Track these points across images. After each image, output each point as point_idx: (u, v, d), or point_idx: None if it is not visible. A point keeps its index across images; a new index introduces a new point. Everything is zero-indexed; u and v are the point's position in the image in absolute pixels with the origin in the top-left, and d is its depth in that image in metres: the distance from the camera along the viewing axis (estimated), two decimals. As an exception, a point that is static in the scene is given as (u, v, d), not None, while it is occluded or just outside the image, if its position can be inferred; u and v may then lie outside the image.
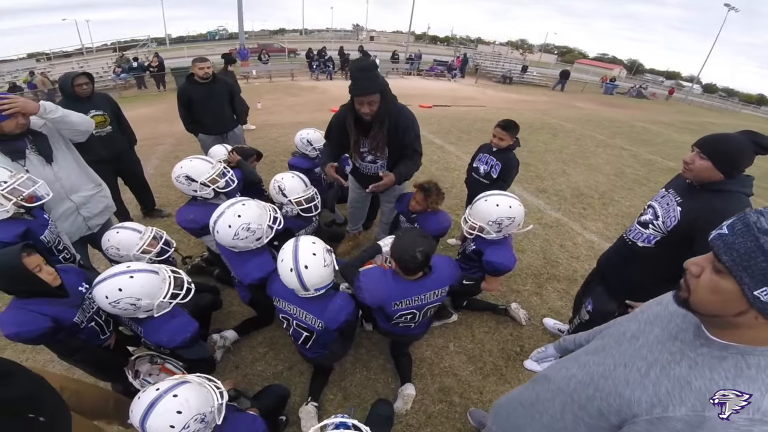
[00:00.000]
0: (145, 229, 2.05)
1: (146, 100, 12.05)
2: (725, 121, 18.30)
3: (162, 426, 1.13)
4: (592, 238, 4.04)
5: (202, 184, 2.25)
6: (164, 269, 1.69)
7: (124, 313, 1.57)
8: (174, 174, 2.26)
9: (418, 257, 1.61)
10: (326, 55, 17.06)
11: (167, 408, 1.15)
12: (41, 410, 0.95)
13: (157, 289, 1.59)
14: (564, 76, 20.58)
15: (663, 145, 9.31)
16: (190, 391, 1.22)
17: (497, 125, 2.76)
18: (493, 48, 32.32)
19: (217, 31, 68.35)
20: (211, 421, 1.23)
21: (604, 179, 5.97)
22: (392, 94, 2.24)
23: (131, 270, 1.54)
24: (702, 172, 1.48)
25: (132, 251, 1.94)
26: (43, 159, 2.07)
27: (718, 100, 36.39)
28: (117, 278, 1.50)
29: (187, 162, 2.28)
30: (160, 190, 4.41)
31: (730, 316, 0.67)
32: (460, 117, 9.53)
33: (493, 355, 2.47)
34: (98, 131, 3.09)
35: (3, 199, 1.65)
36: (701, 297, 0.70)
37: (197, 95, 3.79)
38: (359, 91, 2.08)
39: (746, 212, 0.66)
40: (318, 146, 3.20)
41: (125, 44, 21.68)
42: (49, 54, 19.67)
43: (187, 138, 5.47)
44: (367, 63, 2.14)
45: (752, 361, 0.66)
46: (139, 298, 1.52)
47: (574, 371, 0.96)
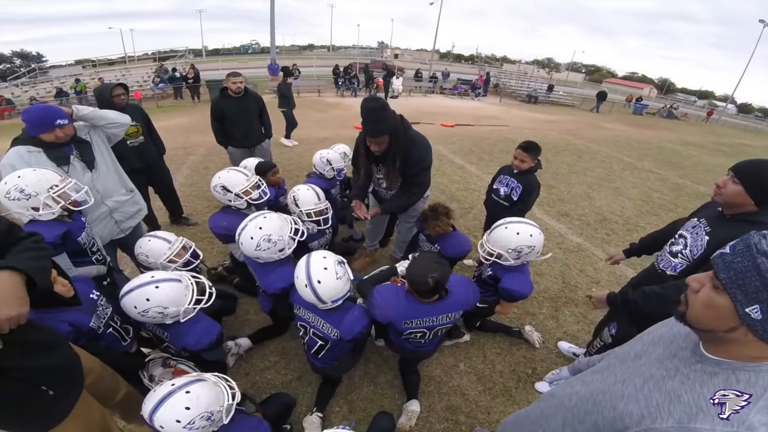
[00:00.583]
0: (175, 239, 2.15)
1: (182, 110, 12.67)
2: (762, 143, 17.49)
3: (168, 419, 1.20)
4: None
5: (236, 195, 2.39)
6: (186, 276, 1.77)
7: (153, 320, 1.66)
8: (212, 183, 2.43)
9: (429, 283, 1.63)
10: (351, 72, 17.52)
11: (177, 402, 1.22)
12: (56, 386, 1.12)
13: (181, 296, 1.67)
14: (601, 97, 20.41)
15: (693, 168, 8.99)
16: (203, 389, 1.29)
17: (518, 147, 2.74)
18: (518, 67, 32.26)
19: (250, 45, 71.46)
20: (217, 420, 1.29)
21: (630, 204, 5.83)
22: (406, 125, 2.30)
23: (156, 280, 1.62)
24: (733, 198, 1.43)
25: (159, 259, 2.05)
26: (86, 165, 2.23)
27: (753, 120, 34.77)
28: (143, 289, 1.59)
29: (225, 173, 2.43)
30: (189, 200, 4.60)
31: (722, 331, 0.70)
32: (482, 137, 9.54)
33: (503, 376, 2.44)
34: (132, 141, 3.26)
35: (53, 202, 1.77)
36: (697, 311, 0.74)
37: (229, 109, 3.98)
38: (368, 133, 2.22)
39: (750, 234, 0.69)
40: (336, 166, 3.28)
41: (164, 54, 22.84)
42: (94, 61, 20.88)
43: (217, 149, 5.72)
44: (376, 104, 2.17)
45: (742, 377, 0.68)
46: (166, 307, 1.61)
47: (577, 388, 0.99)
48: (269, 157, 4.46)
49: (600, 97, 20.42)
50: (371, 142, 2.26)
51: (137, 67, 20.38)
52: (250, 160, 3.32)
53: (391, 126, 2.20)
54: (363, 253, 3.39)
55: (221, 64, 24.22)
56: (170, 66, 18.25)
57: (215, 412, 1.28)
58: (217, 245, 3.60)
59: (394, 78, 15.34)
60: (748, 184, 1.39)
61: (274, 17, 16.46)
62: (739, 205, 1.44)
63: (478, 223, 4.48)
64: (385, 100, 2.65)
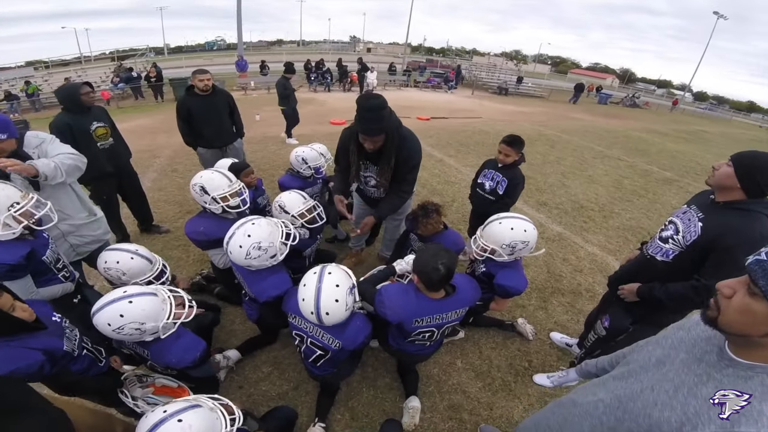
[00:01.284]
0: (156, 260, 2.01)
1: (144, 111, 12.05)
2: (719, 129, 18.58)
3: None
4: (595, 251, 4.04)
5: (212, 198, 2.20)
6: (162, 290, 1.64)
7: (130, 338, 1.53)
8: (192, 180, 2.22)
9: (441, 269, 1.58)
10: (324, 67, 17.20)
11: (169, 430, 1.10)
12: None
13: (159, 310, 1.54)
14: (579, 89, 21.14)
15: (658, 155, 9.40)
16: (197, 417, 1.17)
17: (502, 141, 2.73)
18: (488, 59, 32.79)
19: (216, 42, 69.04)
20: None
21: (604, 191, 6.00)
22: (398, 122, 2.22)
23: (129, 295, 1.49)
24: (723, 179, 1.51)
25: (137, 279, 1.89)
26: (29, 184, 1.99)
27: (709, 108, 36.90)
28: (116, 304, 1.46)
29: (208, 173, 2.25)
30: (158, 205, 4.34)
31: (757, 336, 0.69)
32: (458, 129, 9.59)
33: (501, 370, 2.44)
34: (102, 144, 3.05)
35: (14, 221, 1.60)
36: (731, 317, 0.72)
37: (197, 108, 3.74)
38: (365, 132, 2.10)
39: None
40: (313, 165, 3.14)
41: (123, 53, 21.71)
42: (47, 62, 19.61)
43: (185, 151, 5.44)
44: (377, 102, 2.06)
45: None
46: (142, 322, 1.48)
47: (601, 396, 0.97)
48: (242, 156, 4.25)
49: (578, 89, 21.15)
50: (366, 140, 2.14)
51: (94, 67, 19.30)
52: (222, 161, 3.13)
53: (389, 125, 2.11)
54: (349, 253, 3.29)
55: (185, 62, 23.17)
56: (128, 65, 17.35)
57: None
58: (193, 253, 3.41)
59: (369, 72, 15.18)
60: (738, 168, 1.47)
61: (240, 11, 15.88)
62: (727, 188, 1.52)
63: (461, 216, 4.48)
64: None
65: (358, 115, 2.08)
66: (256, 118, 9.29)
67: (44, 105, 14.35)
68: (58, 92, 2.93)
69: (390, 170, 2.28)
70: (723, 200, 1.54)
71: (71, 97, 2.82)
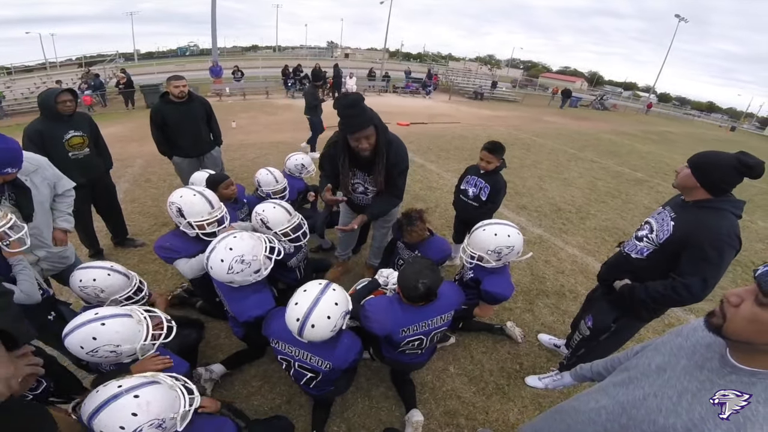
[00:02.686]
0: (133, 275, 1.92)
1: (114, 119, 11.57)
2: (683, 130, 19.59)
3: (111, 425, 1.04)
4: (575, 252, 4.15)
5: (188, 223, 2.05)
6: (137, 310, 1.56)
7: (107, 360, 1.45)
8: (171, 198, 2.07)
9: (420, 288, 1.62)
10: (302, 72, 17.07)
11: (124, 406, 1.07)
12: None
13: (134, 332, 1.47)
14: (566, 94, 22.14)
15: (628, 156, 9.81)
16: (155, 393, 1.13)
17: (484, 148, 2.75)
18: (464, 64, 33.43)
19: (188, 47, 67.46)
20: (170, 427, 1.14)
21: (579, 193, 6.19)
22: (384, 126, 2.21)
23: (101, 317, 1.41)
24: (684, 180, 1.62)
25: (116, 296, 1.80)
26: (20, 215, 1.89)
27: (672, 108, 38.84)
28: (87, 326, 1.37)
29: (189, 195, 2.06)
30: (132, 217, 4.15)
31: (762, 344, 0.71)
32: (437, 134, 9.70)
33: (493, 374, 2.45)
34: (75, 153, 2.90)
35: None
36: (738, 326, 0.73)
37: (172, 116, 3.58)
38: (354, 128, 2.04)
39: None
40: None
41: (91, 59, 20.87)
42: (9, 68, 18.62)
43: (158, 159, 5.25)
44: (354, 98, 2.04)
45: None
46: (118, 344, 1.40)
47: (603, 403, 0.98)
48: (220, 166, 4.13)
49: (565, 94, 22.21)
50: (359, 140, 2.08)
51: (60, 73, 18.35)
52: (197, 174, 3.00)
53: (373, 116, 2.08)
54: (336, 262, 3.24)
55: (156, 68, 22.44)
56: (96, 71, 16.66)
57: (168, 419, 1.12)
58: (171, 267, 3.25)
59: (348, 77, 15.17)
60: (694, 169, 1.58)
61: (215, 16, 15.57)
62: (690, 189, 1.62)
63: (445, 222, 4.52)
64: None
65: (341, 118, 2.04)
66: (232, 125, 9.09)
67: (6, 113, 13.55)
68: (38, 96, 2.79)
69: (383, 168, 2.23)
70: (691, 200, 1.63)
71: (45, 103, 2.70)
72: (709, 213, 1.55)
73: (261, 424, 1.81)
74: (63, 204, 2.26)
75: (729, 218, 1.53)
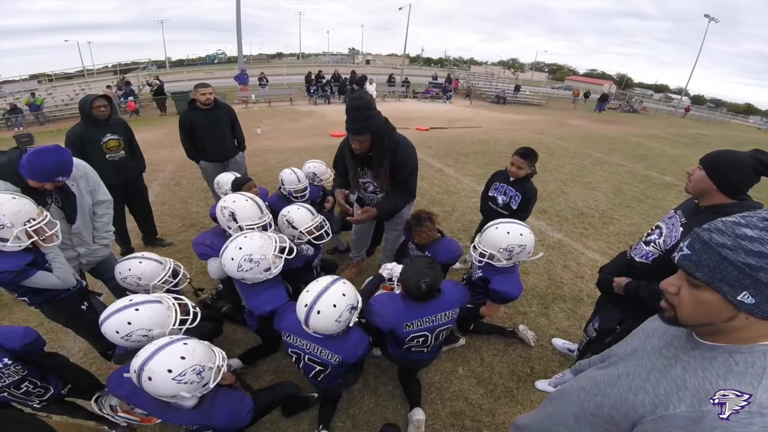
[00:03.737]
0: (165, 260, 2.07)
1: (147, 125, 12.20)
2: (718, 132, 18.60)
3: (161, 368, 1.22)
4: (595, 257, 4.05)
5: (239, 227, 2.16)
6: (166, 297, 1.69)
7: (139, 344, 1.55)
8: (222, 203, 2.19)
9: (422, 287, 1.67)
10: (323, 79, 17.42)
11: (173, 351, 1.25)
12: None
13: (164, 317, 1.58)
14: (603, 99, 22.43)
15: (657, 159, 9.44)
16: (198, 345, 1.34)
17: (516, 153, 2.68)
18: (486, 69, 33.13)
19: (216, 55, 70.03)
20: (206, 378, 1.31)
21: (603, 197, 6.03)
22: (391, 128, 2.27)
23: (135, 303, 1.54)
24: (698, 184, 1.53)
25: (153, 281, 1.95)
26: (64, 216, 2.10)
27: (707, 111, 37.00)
28: (123, 312, 1.50)
29: (242, 200, 2.19)
30: (161, 219, 4.39)
31: (721, 322, 0.72)
32: (457, 139, 9.68)
33: (503, 377, 2.44)
34: (111, 156, 3.16)
35: (25, 236, 1.66)
36: (688, 311, 0.75)
37: (199, 122, 3.78)
38: (353, 131, 2.16)
39: (696, 231, 0.73)
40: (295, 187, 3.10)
41: (126, 67, 21.95)
42: (50, 75, 19.84)
43: (187, 164, 5.52)
44: (362, 102, 2.12)
45: (740, 359, 0.71)
46: (150, 329, 1.52)
47: (583, 384, 1.02)
48: (244, 170, 4.30)
49: (602, 98, 22.39)
50: (353, 140, 2.20)
51: (97, 80, 19.49)
52: (224, 175, 3.17)
53: (374, 125, 2.15)
54: (350, 263, 3.32)
55: (186, 75, 23.52)
56: (129, 78, 17.57)
57: (206, 369, 1.31)
58: (196, 266, 3.45)
59: (368, 83, 15.35)
60: (709, 170, 1.49)
61: (240, 24, 16.16)
62: (705, 192, 1.53)
63: (461, 226, 4.51)
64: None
65: (347, 116, 2.14)
66: (257, 131, 9.41)
67: (48, 118, 14.53)
68: (79, 102, 3.07)
69: (386, 174, 2.30)
70: (706, 205, 1.55)
71: (82, 108, 2.97)
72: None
73: (265, 391, 1.94)
74: (100, 223, 2.39)
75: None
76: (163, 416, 1.41)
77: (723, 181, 1.47)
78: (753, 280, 0.64)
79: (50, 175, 1.89)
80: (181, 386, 1.24)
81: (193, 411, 1.37)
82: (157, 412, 1.40)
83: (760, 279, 0.64)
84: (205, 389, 1.33)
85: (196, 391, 1.30)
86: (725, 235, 0.68)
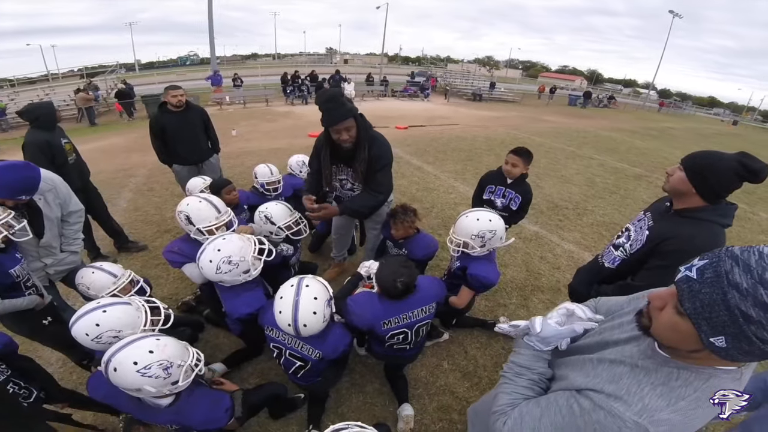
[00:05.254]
0: (122, 273, 1.97)
1: (115, 129, 11.76)
2: (684, 125, 19.48)
3: (127, 360, 1.22)
4: (571, 248, 4.17)
5: (198, 230, 2.11)
6: (136, 299, 1.66)
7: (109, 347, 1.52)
8: (178, 207, 2.15)
9: (398, 287, 1.70)
10: (299, 79, 17.22)
11: (142, 345, 1.26)
12: None
13: (134, 318, 1.56)
14: (587, 96, 24.01)
15: (627, 152, 9.80)
16: (172, 341, 1.35)
17: (511, 151, 2.65)
18: (462, 66, 33.55)
19: (188, 57, 68.19)
20: (174, 375, 1.29)
21: (577, 190, 6.22)
22: (367, 123, 2.25)
23: (102, 305, 1.52)
24: (676, 184, 1.45)
25: (101, 293, 1.87)
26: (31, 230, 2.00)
27: (673, 104, 38.65)
28: (90, 315, 1.48)
29: (195, 202, 2.13)
30: (135, 225, 4.26)
31: (686, 351, 0.72)
32: (435, 137, 9.76)
33: (487, 370, 2.48)
34: (71, 159, 3.12)
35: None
36: (661, 332, 0.75)
37: (171, 124, 3.68)
38: (334, 121, 2.07)
39: (721, 257, 0.64)
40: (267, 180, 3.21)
41: (93, 70, 21.11)
42: (12, 80, 18.87)
43: (160, 169, 5.35)
44: (332, 92, 2.12)
45: (682, 374, 0.73)
46: (119, 330, 1.50)
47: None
48: (219, 173, 4.19)
49: (586, 96, 23.96)
50: (339, 132, 2.12)
51: (62, 84, 18.60)
52: (193, 180, 3.10)
53: (352, 108, 2.13)
54: (332, 263, 3.30)
55: (157, 78, 22.76)
56: (97, 82, 16.88)
57: (174, 365, 1.30)
58: (173, 272, 3.35)
59: (346, 83, 15.27)
60: (689, 171, 1.41)
61: (212, 24, 15.78)
62: (682, 193, 1.45)
63: (441, 222, 4.56)
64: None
65: (322, 112, 2.08)
66: (232, 133, 9.21)
67: (11, 125, 13.80)
68: (35, 109, 2.91)
69: (364, 161, 2.24)
70: (679, 207, 1.49)
71: (50, 114, 2.88)
72: (691, 224, 1.42)
73: (254, 391, 1.91)
74: (70, 231, 2.34)
75: (713, 230, 1.40)
76: (140, 415, 1.41)
77: (703, 185, 1.39)
78: (738, 330, 0.60)
79: (16, 192, 1.83)
80: (145, 380, 1.22)
81: (168, 409, 1.37)
82: (134, 410, 1.39)
83: (745, 331, 0.59)
84: (175, 387, 1.31)
85: (164, 388, 1.28)
86: (749, 275, 0.59)
